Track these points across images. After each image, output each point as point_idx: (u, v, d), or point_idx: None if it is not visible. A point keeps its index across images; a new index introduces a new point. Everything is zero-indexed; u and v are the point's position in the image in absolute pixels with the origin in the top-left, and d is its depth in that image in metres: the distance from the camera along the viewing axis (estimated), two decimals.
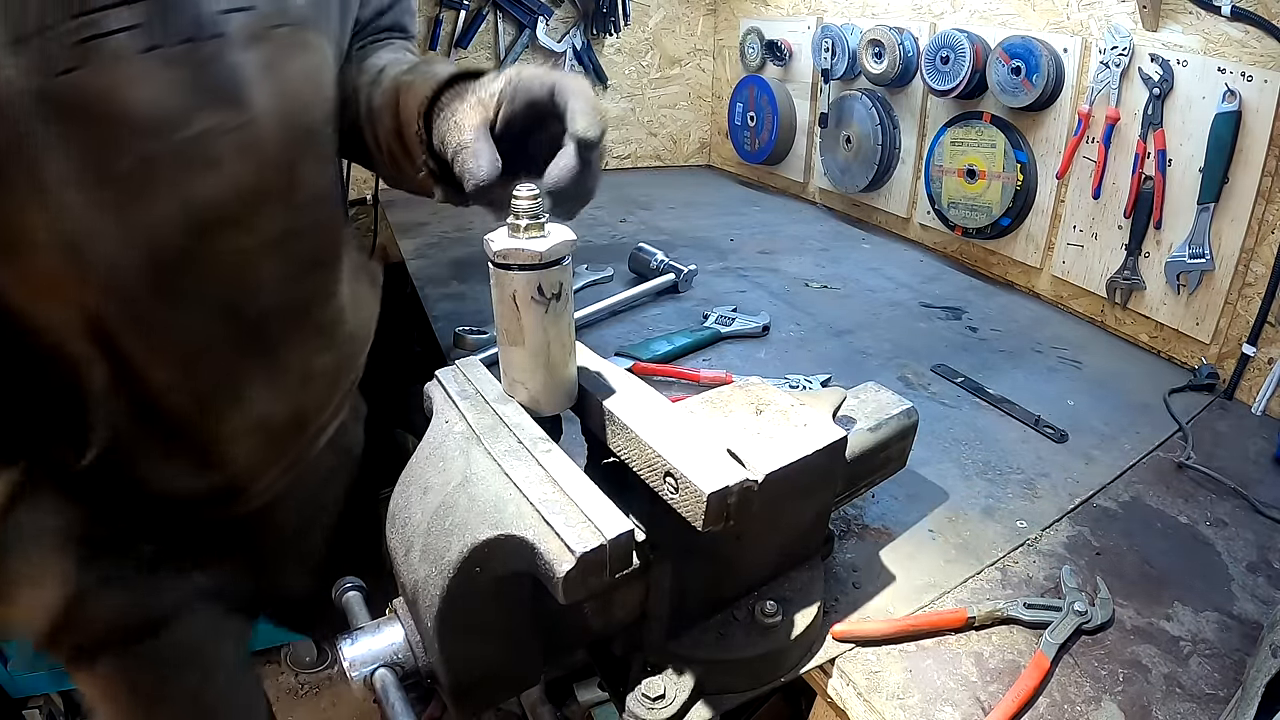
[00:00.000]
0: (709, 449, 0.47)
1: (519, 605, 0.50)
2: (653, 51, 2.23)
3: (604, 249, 1.57)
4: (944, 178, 1.51)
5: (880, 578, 0.71)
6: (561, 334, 0.49)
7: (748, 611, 0.60)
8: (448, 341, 1.12)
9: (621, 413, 0.50)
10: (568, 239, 0.47)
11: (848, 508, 0.79)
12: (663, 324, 1.22)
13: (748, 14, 2.09)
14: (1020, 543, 0.76)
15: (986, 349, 1.19)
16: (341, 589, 0.58)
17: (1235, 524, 0.81)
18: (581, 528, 0.41)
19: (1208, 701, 0.59)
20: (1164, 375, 1.14)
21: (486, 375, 0.55)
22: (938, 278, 1.50)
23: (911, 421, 0.71)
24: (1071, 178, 1.30)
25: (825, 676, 0.63)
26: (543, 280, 0.45)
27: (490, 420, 0.50)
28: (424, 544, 0.46)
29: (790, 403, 0.58)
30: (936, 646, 0.63)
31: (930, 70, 1.45)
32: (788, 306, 1.31)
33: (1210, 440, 0.97)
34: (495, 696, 0.54)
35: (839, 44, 1.68)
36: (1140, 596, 0.70)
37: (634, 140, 2.32)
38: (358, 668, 0.50)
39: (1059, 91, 1.29)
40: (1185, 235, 1.12)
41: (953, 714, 0.57)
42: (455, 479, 0.47)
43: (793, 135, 1.99)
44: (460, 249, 1.55)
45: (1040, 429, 0.96)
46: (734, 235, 1.71)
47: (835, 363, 1.11)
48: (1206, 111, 1.06)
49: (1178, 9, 1.09)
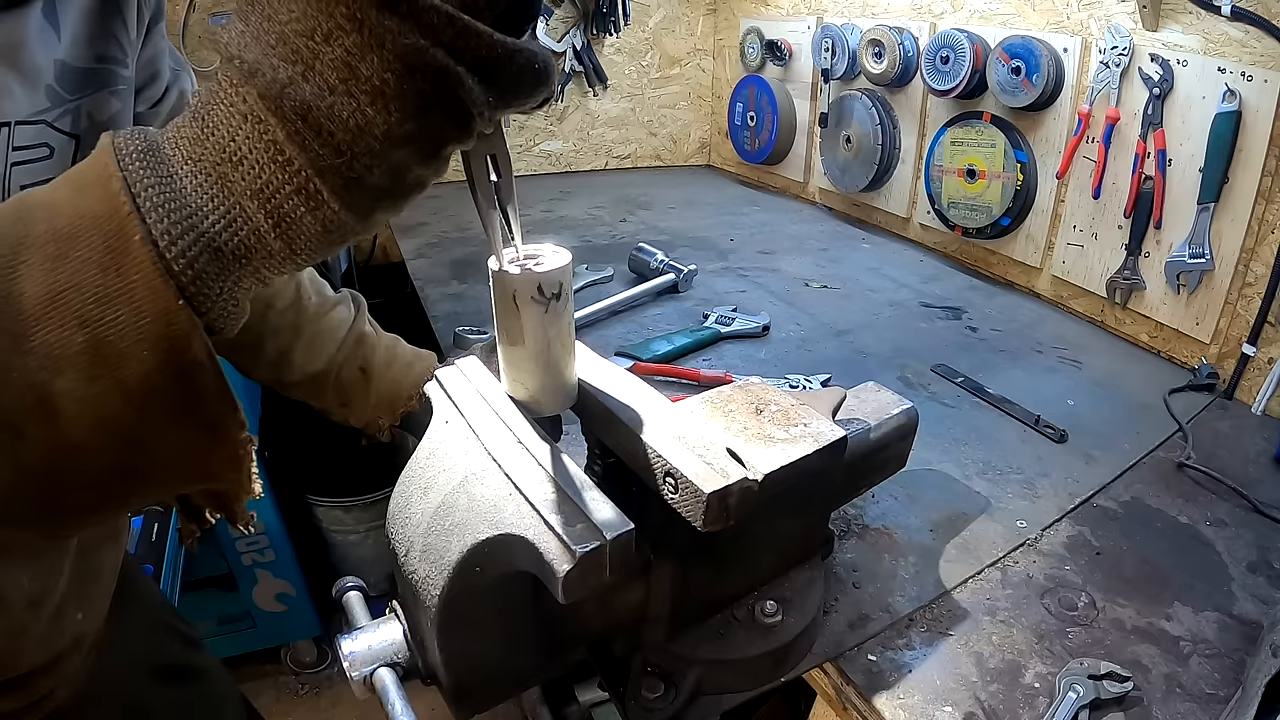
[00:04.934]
0: (709, 449, 0.46)
1: (519, 605, 0.50)
2: (653, 51, 2.23)
3: (604, 249, 1.57)
4: (944, 178, 1.51)
5: (880, 578, 0.71)
6: (561, 334, 0.48)
7: (748, 611, 0.60)
8: (448, 341, 1.12)
9: (621, 413, 0.50)
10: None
11: (848, 508, 0.79)
12: (663, 324, 1.22)
13: (748, 14, 2.09)
14: (1020, 543, 0.76)
15: (986, 349, 1.19)
16: (342, 589, 0.58)
17: (1235, 524, 0.81)
18: (581, 528, 0.41)
19: (1208, 701, 0.59)
20: (1164, 375, 1.14)
21: (486, 375, 0.55)
22: (938, 278, 1.50)
23: (911, 421, 0.71)
24: (1071, 178, 1.30)
25: (825, 676, 0.63)
26: (543, 280, 0.45)
27: (490, 420, 0.50)
28: (424, 544, 0.46)
29: (790, 403, 0.58)
30: (937, 646, 0.63)
31: (930, 70, 1.45)
32: (788, 306, 1.31)
33: (1210, 440, 0.96)
34: (495, 697, 0.54)
35: (839, 44, 1.68)
36: (1140, 596, 0.70)
37: (634, 140, 2.32)
38: (358, 667, 0.50)
39: (1059, 91, 1.29)
40: (1185, 235, 1.12)
41: (953, 714, 0.57)
42: (455, 479, 0.47)
43: (793, 135, 1.99)
44: (460, 249, 1.55)
45: (1040, 429, 0.96)
46: (734, 235, 1.71)
47: (835, 363, 1.11)
48: (1206, 111, 1.06)
49: (1178, 9, 1.09)
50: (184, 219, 0.28)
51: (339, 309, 0.79)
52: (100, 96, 0.53)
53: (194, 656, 0.82)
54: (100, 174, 0.29)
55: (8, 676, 0.55)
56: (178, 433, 0.31)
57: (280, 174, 0.29)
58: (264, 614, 1.63)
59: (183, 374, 0.29)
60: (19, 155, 0.48)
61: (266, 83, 0.27)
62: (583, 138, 2.25)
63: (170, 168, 0.29)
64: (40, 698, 0.59)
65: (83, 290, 0.27)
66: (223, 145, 0.29)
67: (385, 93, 0.28)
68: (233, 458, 0.32)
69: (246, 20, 0.28)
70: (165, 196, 0.28)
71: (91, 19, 0.51)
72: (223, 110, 0.29)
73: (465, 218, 1.69)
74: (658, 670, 0.58)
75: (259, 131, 0.28)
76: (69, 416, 0.28)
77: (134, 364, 0.28)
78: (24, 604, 0.54)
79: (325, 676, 1.76)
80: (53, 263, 0.27)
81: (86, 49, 0.51)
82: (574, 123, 2.21)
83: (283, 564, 1.57)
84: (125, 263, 0.28)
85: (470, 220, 1.68)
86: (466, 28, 0.28)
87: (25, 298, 0.27)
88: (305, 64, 0.27)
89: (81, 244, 0.28)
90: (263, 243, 0.30)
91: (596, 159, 2.30)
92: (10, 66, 0.46)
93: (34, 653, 0.56)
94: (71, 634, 0.60)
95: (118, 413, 0.29)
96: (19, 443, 0.28)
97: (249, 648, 1.67)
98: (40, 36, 0.48)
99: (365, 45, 0.27)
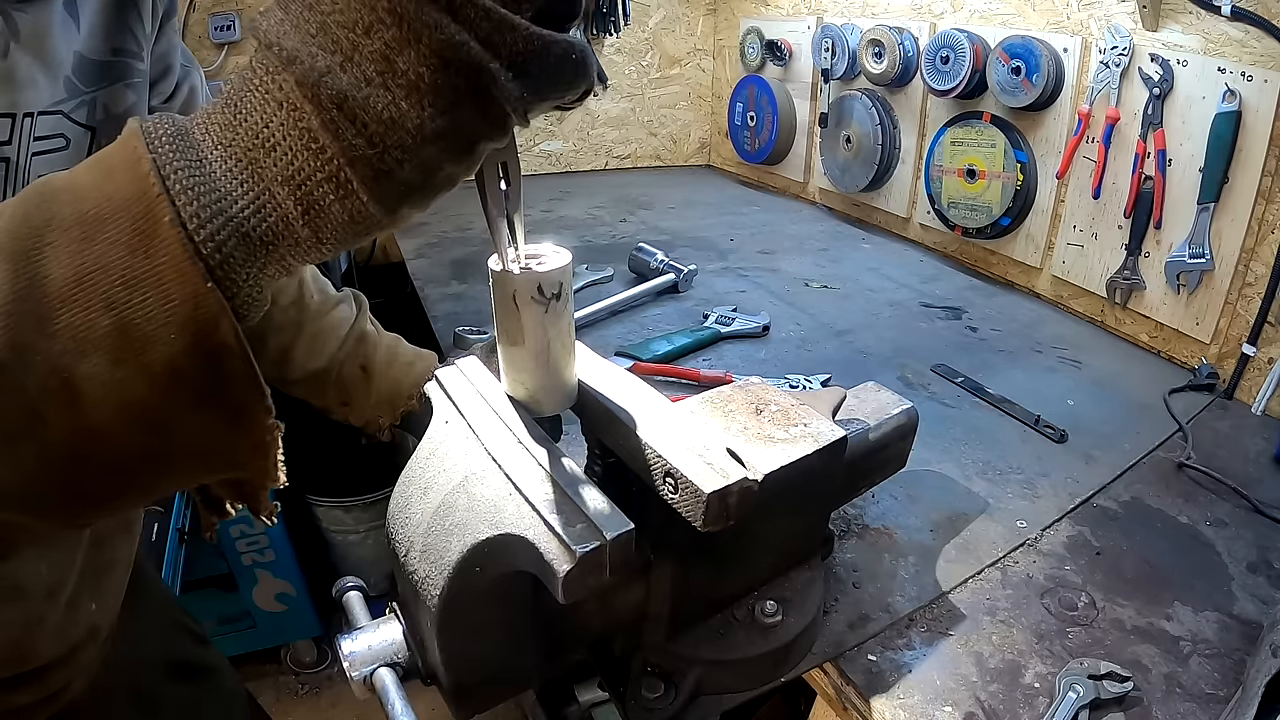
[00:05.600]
0: (709, 449, 0.46)
1: (519, 605, 0.50)
2: (653, 51, 2.23)
3: (604, 249, 1.57)
4: (944, 178, 1.51)
5: (880, 578, 0.71)
6: (561, 334, 0.48)
7: (748, 611, 0.60)
8: (448, 341, 1.12)
9: (621, 413, 0.50)
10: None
11: (848, 508, 0.79)
12: (663, 324, 1.22)
13: (748, 14, 2.09)
14: (1020, 543, 0.76)
15: (986, 349, 1.19)
16: (342, 589, 0.58)
17: (1235, 524, 0.81)
18: (581, 528, 0.41)
19: (1208, 701, 0.59)
20: (1164, 375, 1.14)
21: (486, 375, 0.55)
22: (938, 278, 1.50)
23: (911, 421, 0.71)
24: (1071, 178, 1.30)
25: (825, 676, 0.63)
26: (543, 280, 0.45)
27: (490, 420, 0.50)
28: (424, 544, 0.46)
29: (790, 403, 0.58)
30: (937, 646, 0.63)
31: (930, 70, 1.45)
32: (788, 306, 1.31)
33: (1210, 440, 0.96)
34: (495, 697, 0.54)
35: (839, 44, 1.68)
36: (1140, 596, 0.70)
37: (634, 140, 2.32)
38: (358, 667, 0.50)
39: (1059, 91, 1.29)
40: (1185, 235, 1.12)
41: (953, 714, 0.57)
42: (455, 479, 0.47)
43: (793, 135, 1.99)
44: (460, 249, 1.55)
45: (1040, 429, 0.96)
46: (734, 235, 1.71)
47: (835, 363, 1.11)
48: (1206, 111, 1.05)
49: (1178, 9, 1.09)
50: (213, 202, 0.28)
51: (341, 307, 0.79)
52: (116, 89, 0.53)
53: (204, 653, 0.82)
54: (128, 157, 0.28)
55: (26, 669, 0.56)
56: (203, 418, 0.30)
57: (312, 161, 0.28)
58: (264, 614, 1.63)
59: (210, 357, 0.29)
60: (38, 145, 0.48)
61: (305, 70, 0.27)
62: (583, 138, 2.25)
63: (200, 152, 0.29)
64: (56, 690, 0.59)
65: (109, 273, 0.27)
66: (255, 131, 0.29)
67: (420, 87, 0.28)
68: (258, 444, 0.32)
69: (287, 9, 0.28)
70: (195, 180, 0.28)
71: (108, 12, 0.52)
72: (257, 96, 0.29)
73: (465, 218, 1.69)
74: (658, 670, 0.58)
75: (294, 118, 0.28)
76: (93, 401, 0.27)
77: (161, 347, 0.28)
78: (42, 594, 0.54)
79: (325, 676, 1.76)
80: (79, 245, 0.27)
81: (103, 41, 0.51)
82: (574, 123, 2.21)
83: (283, 564, 1.57)
84: (154, 245, 0.27)
85: (470, 220, 1.68)
86: (503, 20, 0.28)
87: (50, 280, 0.27)
88: (345, 55, 0.27)
89: (109, 226, 0.27)
90: (290, 229, 0.30)
91: (596, 159, 2.30)
92: (35, 56, 0.46)
93: (51, 644, 0.57)
94: (86, 625, 0.60)
95: (143, 397, 0.28)
96: (42, 427, 0.28)
97: (249, 648, 1.67)
98: (62, 28, 0.48)
99: (404, 39, 0.27)
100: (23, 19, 0.45)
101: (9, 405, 0.27)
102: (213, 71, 1.71)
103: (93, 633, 0.61)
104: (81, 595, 0.58)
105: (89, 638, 0.61)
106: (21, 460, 0.28)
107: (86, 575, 0.59)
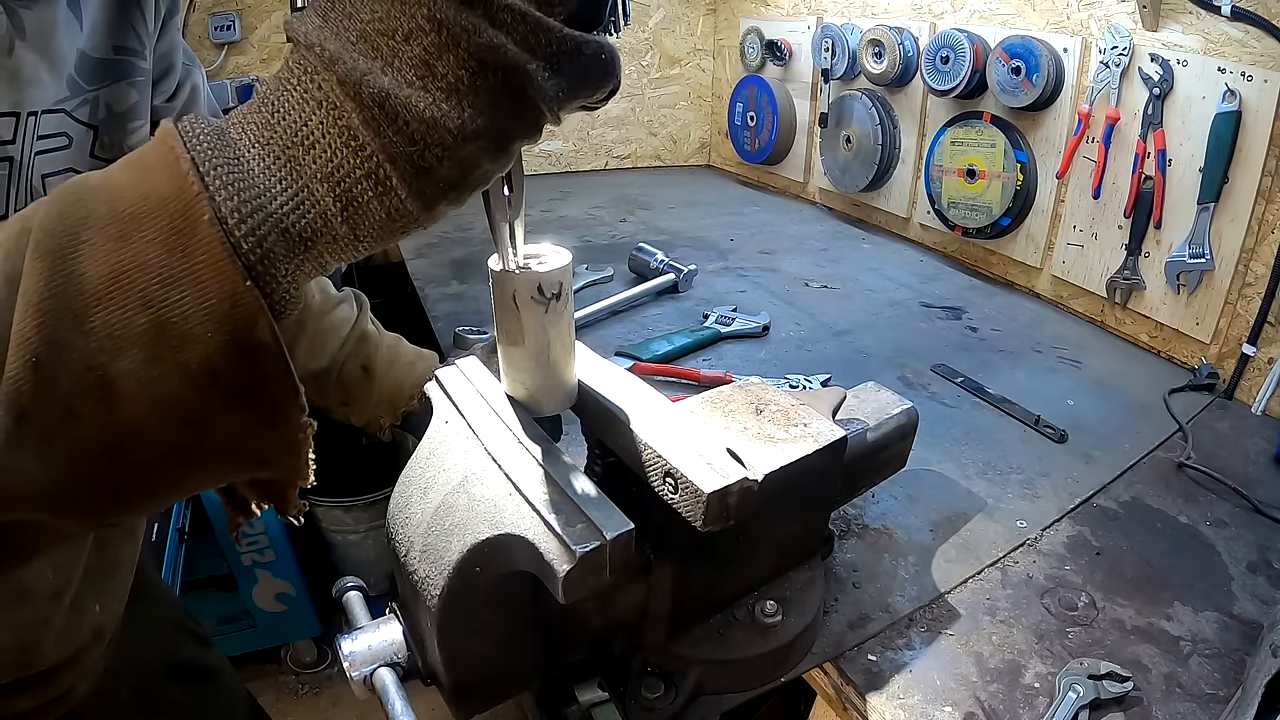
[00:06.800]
0: (709, 449, 0.46)
1: (519, 605, 0.50)
2: (653, 51, 2.23)
3: (604, 249, 1.57)
4: (944, 178, 1.51)
5: (880, 578, 0.71)
6: (561, 334, 0.48)
7: (748, 611, 0.60)
8: (448, 341, 1.12)
9: (621, 413, 0.50)
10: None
11: (848, 508, 0.79)
12: (663, 324, 1.22)
13: (748, 14, 2.09)
14: (1020, 543, 0.76)
15: (986, 349, 1.19)
16: (342, 588, 0.58)
17: (1235, 524, 0.81)
18: (581, 528, 0.41)
19: (1208, 701, 0.59)
20: (1164, 375, 1.14)
21: (486, 375, 0.55)
22: (938, 278, 1.50)
23: (911, 421, 0.71)
24: (1071, 178, 1.30)
25: (825, 676, 0.63)
26: (543, 280, 0.45)
27: (490, 420, 0.50)
28: (424, 544, 0.46)
29: (790, 403, 0.58)
30: (936, 646, 0.63)
31: (930, 70, 1.45)
32: (788, 306, 1.31)
33: (1210, 440, 0.96)
34: (495, 697, 0.54)
35: (839, 44, 1.68)
36: (1140, 596, 0.70)
37: (634, 140, 2.32)
38: (358, 667, 0.50)
39: (1059, 91, 1.29)
40: (1185, 235, 1.12)
41: (953, 714, 0.57)
42: (455, 479, 0.47)
43: (793, 135, 1.99)
44: (460, 249, 1.55)
45: (1040, 429, 0.96)
46: (734, 235, 1.71)
47: (835, 363, 1.11)
48: (1206, 111, 1.05)
49: (1178, 9, 1.09)
50: (252, 199, 0.28)
51: (342, 307, 0.79)
52: (118, 87, 0.53)
53: (206, 656, 0.82)
54: (165, 156, 0.28)
55: (31, 672, 0.55)
56: (237, 415, 0.30)
57: (352, 158, 0.29)
58: (264, 614, 1.63)
59: (246, 355, 0.28)
60: (41, 144, 0.48)
61: (347, 69, 0.28)
62: (582, 138, 2.25)
63: (237, 150, 0.29)
64: (61, 694, 0.59)
65: (146, 271, 0.27)
66: (294, 130, 0.29)
67: (460, 89, 0.28)
68: (291, 442, 0.32)
69: (326, 16, 0.28)
70: (234, 177, 0.28)
71: (111, 9, 0.52)
72: (295, 95, 0.29)
73: (465, 218, 1.69)
74: (658, 670, 0.58)
75: (333, 117, 0.28)
76: (128, 398, 0.27)
77: (198, 345, 0.28)
78: (47, 595, 0.54)
79: (325, 676, 1.76)
80: (115, 243, 0.27)
81: (105, 39, 0.51)
82: (574, 122, 2.21)
83: (283, 564, 1.57)
84: (192, 243, 0.27)
85: (470, 220, 1.68)
86: (538, 23, 0.28)
87: (86, 278, 0.27)
88: (385, 60, 0.28)
89: (146, 224, 0.27)
90: (329, 226, 0.30)
91: (596, 159, 2.30)
92: (41, 54, 0.46)
93: (56, 647, 0.56)
94: (90, 627, 0.60)
95: (178, 394, 0.28)
96: (76, 424, 0.28)
97: (249, 648, 1.67)
98: (66, 26, 0.48)
99: (443, 44, 0.28)
100: (28, 16, 0.45)
101: (44, 401, 0.27)
102: (213, 71, 1.71)
103: (97, 635, 0.61)
104: (86, 597, 0.58)
105: (94, 640, 0.61)
106: (55, 457, 0.28)
107: (91, 577, 0.59)
